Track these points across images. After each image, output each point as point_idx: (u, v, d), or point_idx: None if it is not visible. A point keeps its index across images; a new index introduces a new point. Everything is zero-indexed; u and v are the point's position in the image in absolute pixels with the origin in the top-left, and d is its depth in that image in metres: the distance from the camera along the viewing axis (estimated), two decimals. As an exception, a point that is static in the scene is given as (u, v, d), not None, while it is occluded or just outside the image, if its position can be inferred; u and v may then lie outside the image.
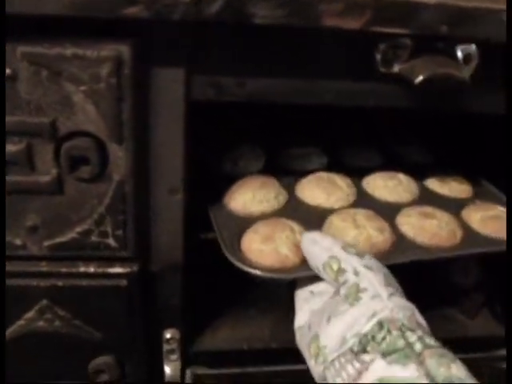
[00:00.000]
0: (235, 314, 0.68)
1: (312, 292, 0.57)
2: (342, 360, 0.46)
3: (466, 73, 0.55)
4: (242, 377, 0.68)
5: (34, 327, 0.61)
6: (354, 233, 0.62)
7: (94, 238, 0.57)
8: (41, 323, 0.61)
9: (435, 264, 0.64)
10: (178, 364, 0.67)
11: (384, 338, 0.45)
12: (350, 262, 0.51)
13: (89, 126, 0.52)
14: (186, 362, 0.68)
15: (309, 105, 0.56)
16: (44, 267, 0.59)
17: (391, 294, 0.48)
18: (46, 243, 0.57)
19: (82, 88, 0.50)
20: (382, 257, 0.58)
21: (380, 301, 0.47)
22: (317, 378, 0.50)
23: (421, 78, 0.52)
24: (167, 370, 0.67)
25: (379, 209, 0.68)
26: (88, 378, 0.67)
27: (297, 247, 0.59)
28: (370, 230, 0.62)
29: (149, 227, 0.59)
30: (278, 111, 0.76)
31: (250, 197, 0.68)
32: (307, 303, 0.56)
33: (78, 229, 0.57)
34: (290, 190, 0.73)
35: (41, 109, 0.51)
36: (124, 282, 0.60)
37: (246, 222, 0.65)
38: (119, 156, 0.53)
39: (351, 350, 0.46)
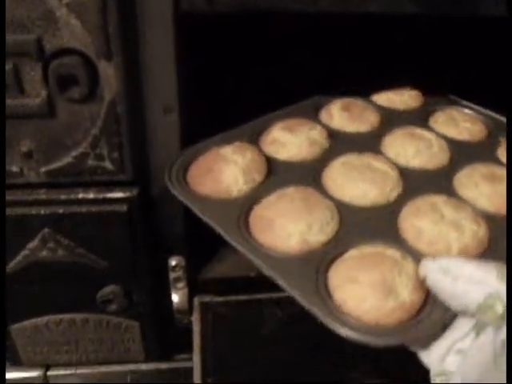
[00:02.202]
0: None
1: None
2: None
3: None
4: (249, 304, 0.68)
5: (38, 257, 0.61)
6: (455, 236, 0.49)
7: (90, 162, 0.56)
8: (44, 253, 0.61)
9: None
10: (185, 292, 0.67)
11: None
12: None
13: (75, 43, 0.50)
14: (194, 289, 0.68)
15: (304, 13, 0.53)
16: (43, 195, 0.58)
17: None
18: (43, 169, 0.56)
19: (65, 1, 0.48)
20: (496, 254, 0.47)
21: None
22: None
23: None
24: (174, 297, 0.67)
25: (435, 183, 0.57)
26: (97, 308, 0.68)
27: (417, 286, 0.44)
28: (469, 225, 0.50)
29: (145, 149, 0.58)
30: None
31: (305, 229, 0.49)
32: (444, 338, 0.43)
33: (74, 153, 0.56)
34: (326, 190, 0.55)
35: (24, 26, 0.49)
36: (124, 208, 0.59)
37: (314, 266, 0.46)
38: (109, 74, 0.52)
39: None
